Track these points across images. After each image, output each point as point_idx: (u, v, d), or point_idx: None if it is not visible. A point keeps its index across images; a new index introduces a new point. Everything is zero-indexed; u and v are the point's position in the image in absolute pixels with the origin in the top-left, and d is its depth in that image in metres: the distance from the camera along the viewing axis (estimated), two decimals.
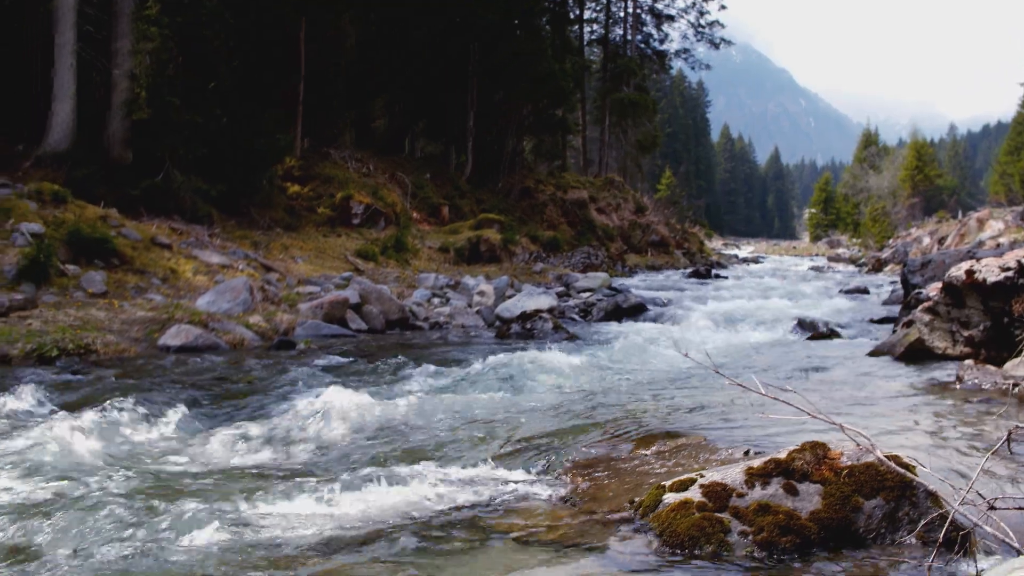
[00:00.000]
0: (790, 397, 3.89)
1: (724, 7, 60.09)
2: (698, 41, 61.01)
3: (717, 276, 30.87)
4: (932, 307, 8.76)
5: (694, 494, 3.63)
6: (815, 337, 12.27)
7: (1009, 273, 7.85)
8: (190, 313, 11.83)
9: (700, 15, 59.47)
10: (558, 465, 4.80)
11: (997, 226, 37.00)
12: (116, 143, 19.22)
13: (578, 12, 53.48)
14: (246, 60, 22.37)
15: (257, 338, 11.65)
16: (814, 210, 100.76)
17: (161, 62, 19.37)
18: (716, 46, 61.40)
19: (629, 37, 57.43)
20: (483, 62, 35.05)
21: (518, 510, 4.08)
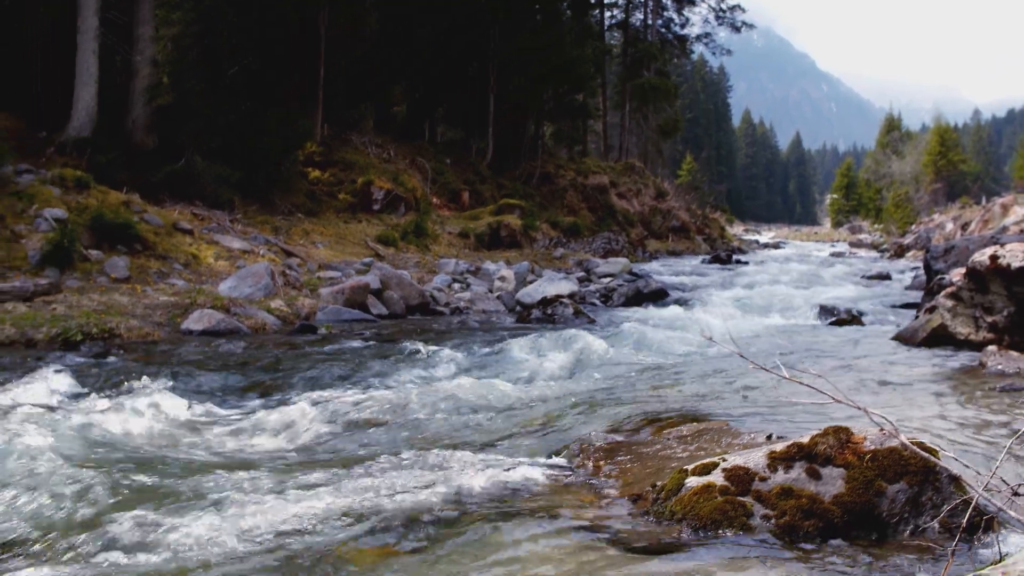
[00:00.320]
0: (813, 381, 3.88)
1: None
2: (719, 25, 60.66)
3: (738, 262, 30.75)
4: (955, 293, 8.71)
5: (717, 478, 3.64)
6: (837, 323, 12.22)
7: None
8: (212, 298, 11.90)
9: None
10: (580, 449, 4.81)
11: (1021, 212, 36.65)
12: (138, 129, 19.31)
13: None
14: (267, 46, 22.41)
15: (278, 323, 11.70)
16: (836, 196, 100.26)
17: (183, 48, 19.43)
18: (737, 30, 60.95)
19: (650, 21, 57.16)
20: (503, 47, 34.96)
21: (541, 494, 4.09)
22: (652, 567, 3.13)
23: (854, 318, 12.42)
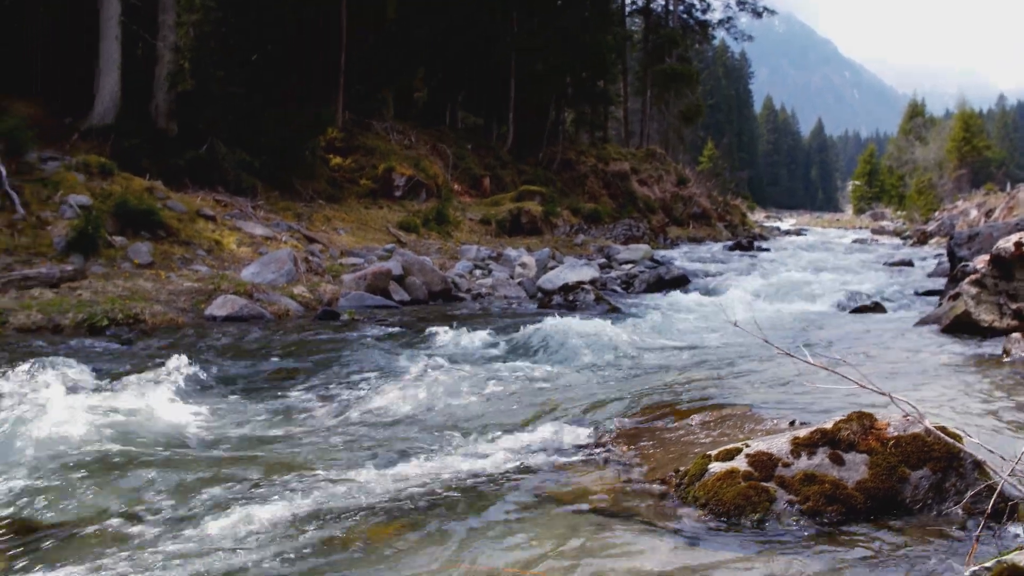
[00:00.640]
0: (837, 367, 3.88)
1: None
2: (741, 10, 60.30)
3: (759, 249, 30.66)
4: (979, 280, 8.67)
5: (740, 463, 3.65)
6: (859, 310, 12.18)
7: None
8: (235, 284, 11.97)
9: None
10: (604, 434, 4.83)
11: None
12: (161, 115, 19.40)
13: None
14: (288, 32, 22.44)
15: (301, 308, 11.76)
16: (858, 182, 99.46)
17: (204, 34, 19.49)
18: (759, 15, 60.55)
19: (671, 7, 56.81)
20: (524, 33, 34.88)
21: (565, 479, 4.11)
22: (675, 552, 3.15)
23: (877, 305, 12.38)
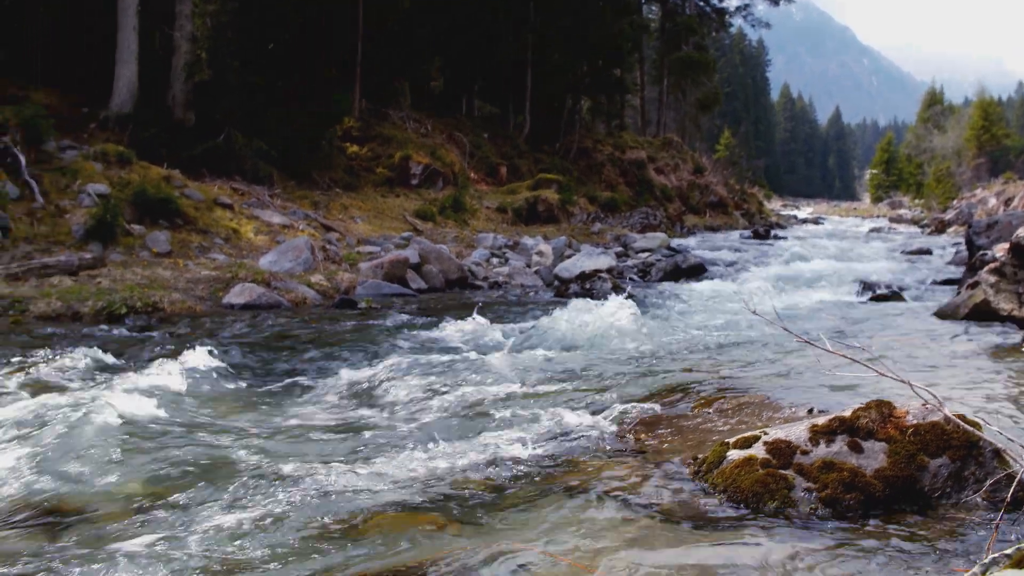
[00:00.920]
0: (856, 355, 3.88)
1: None
2: None
3: (776, 237, 30.55)
4: (998, 268, 8.63)
5: (758, 451, 3.65)
6: (878, 298, 12.13)
7: None
8: (253, 272, 12.02)
9: None
10: (622, 422, 4.84)
11: None
12: (178, 105, 19.45)
13: None
14: (305, 20, 22.43)
15: (319, 297, 11.80)
16: (876, 171, 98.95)
17: (221, 24, 19.51)
18: (776, 2, 60.16)
19: None
20: (541, 21, 34.78)
21: (584, 466, 4.12)
22: (693, 539, 3.16)
23: (895, 294, 12.33)
